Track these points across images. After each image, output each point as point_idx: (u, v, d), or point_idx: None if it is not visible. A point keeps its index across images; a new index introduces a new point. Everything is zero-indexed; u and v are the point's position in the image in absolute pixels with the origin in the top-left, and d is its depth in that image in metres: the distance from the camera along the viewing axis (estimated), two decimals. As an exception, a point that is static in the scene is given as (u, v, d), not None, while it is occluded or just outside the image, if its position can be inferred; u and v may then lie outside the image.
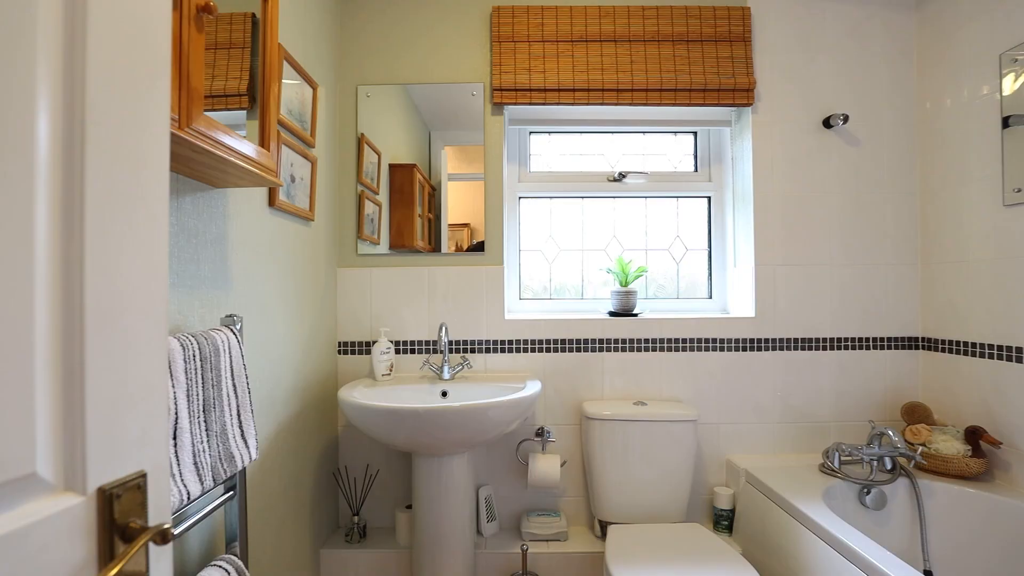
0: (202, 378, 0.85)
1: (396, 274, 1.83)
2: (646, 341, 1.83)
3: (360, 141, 1.82)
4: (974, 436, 1.57)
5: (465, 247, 1.84)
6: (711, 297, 2.01)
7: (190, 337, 0.84)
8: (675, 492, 1.64)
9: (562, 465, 1.80)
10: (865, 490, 1.58)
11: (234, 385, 0.94)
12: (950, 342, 1.74)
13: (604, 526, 1.67)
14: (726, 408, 1.83)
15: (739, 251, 1.92)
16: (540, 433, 1.74)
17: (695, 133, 2.04)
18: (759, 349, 1.83)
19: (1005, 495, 1.46)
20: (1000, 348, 1.56)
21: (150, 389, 0.48)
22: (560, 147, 2.04)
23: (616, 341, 1.83)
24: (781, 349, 1.83)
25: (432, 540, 1.49)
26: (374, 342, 1.77)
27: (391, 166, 1.83)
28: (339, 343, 1.82)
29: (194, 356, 0.83)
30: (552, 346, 1.82)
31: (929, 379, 1.82)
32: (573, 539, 1.72)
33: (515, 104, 1.80)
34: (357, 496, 1.78)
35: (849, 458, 1.68)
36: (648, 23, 1.81)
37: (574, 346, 1.82)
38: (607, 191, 1.99)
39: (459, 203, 1.85)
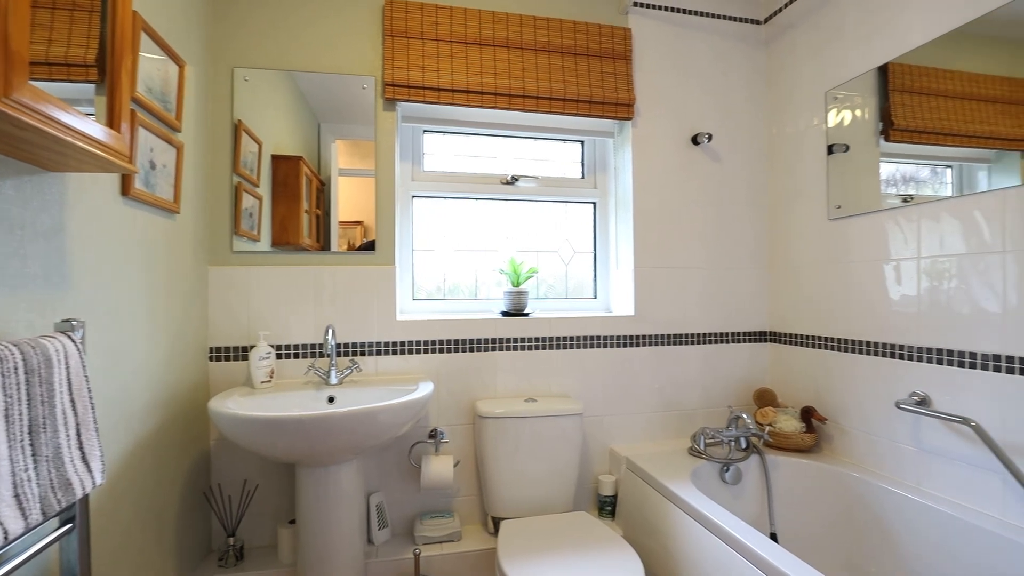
0: (27, 394, 0.72)
1: (279, 273, 1.70)
2: (537, 339, 1.90)
3: (237, 128, 1.67)
4: (807, 415, 1.85)
5: (358, 245, 1.77)
6: (596, 297, 2.15)
7: (10, 346, 0.71)
8: (563, 483, 1.72)
9: (455, 465, 1.80)
10: (725, 468, 1.78)
11: (72, 401, 0.81)
12: (790, 335, 2.02)
13: (497, 522, 1.70)
14: (609, 401, 1.96)
15: (621, 254, 2.07)
16: (433, 435, 1.73)
17: (582, 142, 2.16)
18: (637, 345, 1.99)
19: (829, 463, 1.74)
20: (824, 339, 1.85)
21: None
22: (454, 148, 2.04)
23: (508, 340, 1.87)
24: (656, 344, 2.01)
25: (318, 555, 1.41)
26: (252, 347, 1.63)
27: (274, 157, 1.71)
28: (211, 349, 1.65)
29: (16, 369, 0.71)
30: (445, 346, 1.82)
31: (775, 368, 2.11)
32: (467, 538, 1.73)
33: (408, 101, 1.77)
34: (233, 515, 1.63)
35: (712, 440, 1.88)
36: (539, 33, 1.88)
37: (467, 346, 1.84)
38: (500, 193, 2.04)
39: (352, 200, 1.77)
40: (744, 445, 1.83)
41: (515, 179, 2.01)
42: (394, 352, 1.78)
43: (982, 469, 1.34)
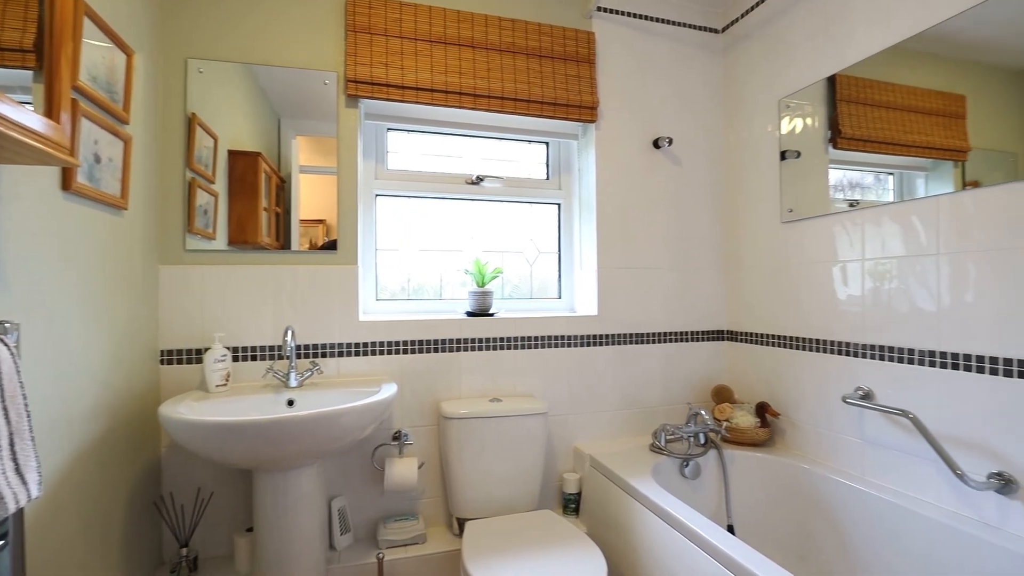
0: (-45, 401, 0.67)
1: (236, 273, 1.65)
2: (502, 339, 1.90)
3: (191, 121, 1.61)
4: (761, 410, 1.92)
5: (319, 245, 1.73)
6: (560, 297, 2.17)
7: (-64, 350, 0.67)
8: (528, 482, 1.73)
9: (420, 467, 1.78)
10: (685, 463, 1.83)
11: (4, 408, 0.76)
12: (746, 334, 2.10)
13: (462, 523, 1.70)
14: (573, 400, 1.99)
15: (584, 255, 2.10)
16: (397, 436, 1.71)
17: (547, 143, 2.17)
18: (601, 344, 2.02)
19: (782, 456, 1.81)
20: (777, 337, 1.93)
21: None
22: (419, 147, 2.02)
23: (473, 340, 1.87)
24: (619, 344, 2.05)
25: (278, 563, 1.37)
26: (207, 349, 1.57)
27: (231, 152, 1.65)
28: (162, 352, 1.58)
29: (-58, 374, 0.66)
30: (410, 347, 1.80)
31: (732, 365, 2.18)
32: (432, 540, 1.71)
33: (371, 98, 1.74)
34: (186, 525, 1.57)
35: (673, 437, 1.93)
36: (504, 34, 1.88)
37: (432, 346, 1.82)
38: (465, 193, 2.03)
39: (313, 197, 1.73)
40: (703, 441, 1.88)
41: (480, 179, 2.01)
42: (357, 353, 1.75)
43: (919, 458, 1.43)
